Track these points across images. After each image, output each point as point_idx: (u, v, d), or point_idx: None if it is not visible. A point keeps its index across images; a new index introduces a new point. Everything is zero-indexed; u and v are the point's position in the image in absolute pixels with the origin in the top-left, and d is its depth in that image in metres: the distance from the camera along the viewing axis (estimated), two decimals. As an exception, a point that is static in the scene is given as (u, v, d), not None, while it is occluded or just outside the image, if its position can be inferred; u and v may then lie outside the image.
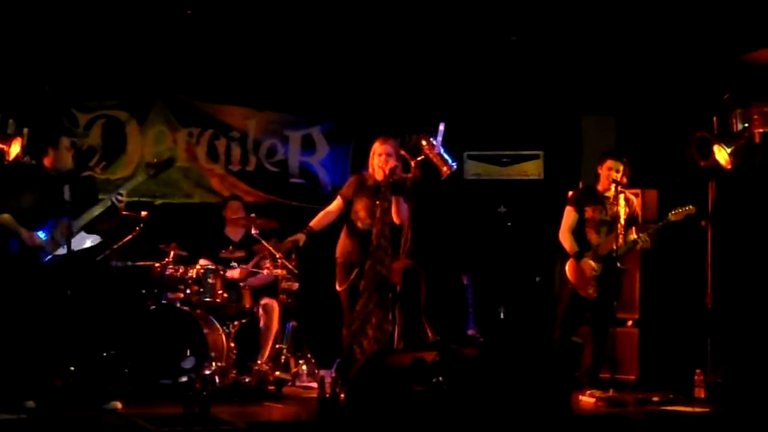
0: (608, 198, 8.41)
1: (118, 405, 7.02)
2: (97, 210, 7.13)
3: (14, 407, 6.66)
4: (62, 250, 7.00)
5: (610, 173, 8.38)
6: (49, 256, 7.04)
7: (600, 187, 8.51)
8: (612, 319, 8.48)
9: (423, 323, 7.93)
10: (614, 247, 8.19)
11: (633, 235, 8.35)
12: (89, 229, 7.16)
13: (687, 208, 8.34)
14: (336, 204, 8.11)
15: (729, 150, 8.45)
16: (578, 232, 8.49)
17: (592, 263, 8.35)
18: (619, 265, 8.25)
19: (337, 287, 7.93)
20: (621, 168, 8.39)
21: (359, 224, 7.90)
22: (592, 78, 10.14)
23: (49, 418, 6.52)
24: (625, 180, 8.41)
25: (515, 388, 6.78)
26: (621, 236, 8.26)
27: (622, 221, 8.29)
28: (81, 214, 7.05)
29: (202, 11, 9.23)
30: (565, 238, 8.49)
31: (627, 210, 8.37)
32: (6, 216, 7.06)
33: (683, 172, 9.19)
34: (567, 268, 8.43)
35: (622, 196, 8.33)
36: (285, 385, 8.42)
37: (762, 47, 8.68)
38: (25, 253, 7.01)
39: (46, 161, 7.26)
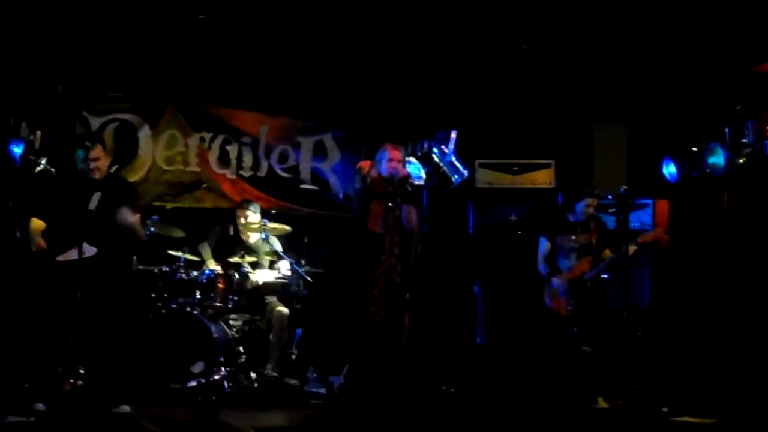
0: (578, 224, 8.68)
1: (127, 408, 7.03)
2: None
3: (24, 410, 6.68)
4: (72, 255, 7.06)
5: (587, 210, 8.65)
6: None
7: (572, 217, 8.73)
8: (601, 333, 8.55)
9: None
10: (586, 269, 8.49)
11: (607, 253, 8.55)
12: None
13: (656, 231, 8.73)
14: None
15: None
16: (551, 258, 8.75)
17: (558, 281, 8.61)
18: (589, 285, 8.47)
19: (348, 293, 7.92)
20: (596, 203, 8.69)
21: (371, 227, 7.89)
22: (603, 87, 10.14)
23: (58, 421, 6.54)
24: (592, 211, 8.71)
25: (524, 396, 6.79)
26: (592, 260, 8.53)
27: (593, 245, 8.62)
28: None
29: (215, 16, 9.25)
30: (540, 265, 8.79)
31: (596, 236, 8.66)
32: (37, 221, 7.13)
33: (695, 181, 9.18)
34: (543, 293, 8.66)
35: (592, 222, 8.69)
36: (294, 390, 8.43)
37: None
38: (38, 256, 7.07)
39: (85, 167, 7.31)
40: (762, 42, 8.68)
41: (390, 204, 7.79)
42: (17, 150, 7.85)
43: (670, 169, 8.94)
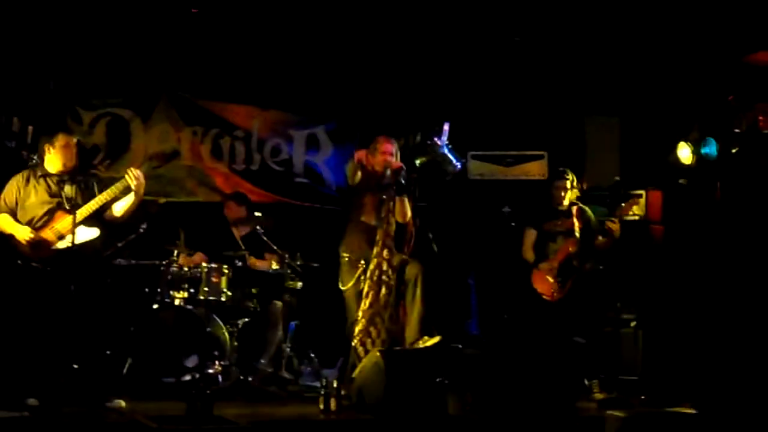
0: (561, 212, 8.72)
1: (122, 403, 7.02)
2: (104, 197, 7.17)
3: (16, 405, 6.67)
4: (61, 244, 7.07)
5: (557, 192, 8.73)
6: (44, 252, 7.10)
7: (553, 203, 8.78)
8: (595, 317, 8.55)
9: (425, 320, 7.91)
10: (570, 250, 8.53)
11: (601, 239, 8.54)
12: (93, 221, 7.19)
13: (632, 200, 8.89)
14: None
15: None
16: (538, 245, 8.76)
17: (548, 266, 8.57)
18: (575, 264, 8.48)
19: (341, 286, 7.92)
20: (568, 184, 8.72)
21: (365, 219, 7.89)
22: (596, 79, 10.14)
23: (52, 416, 6.52)
24: (575, 192, 8.80)
25: (519, 389, 6.79)
26: (576, 241, 8.55)
27: (577, 231, 8.61)
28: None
29: (207, 10, 9.23)
30: (526, 253, 8.81)
31: (580, 221, 8.66)
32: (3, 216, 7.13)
33: (687, 173, 9.20)
34: (532, 279, 8.65)
35: (575, 207, 8.71)
36: (288, 384, 8.43)
37: (766, 48, 8.68)
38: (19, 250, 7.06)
39: (46, 159, 7.30)
40: (754, 32, 8.68)
41: (383, 197, 7.79)
42: None
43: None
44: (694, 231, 9.11)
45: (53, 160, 7.29)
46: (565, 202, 8.72)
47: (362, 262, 7.77)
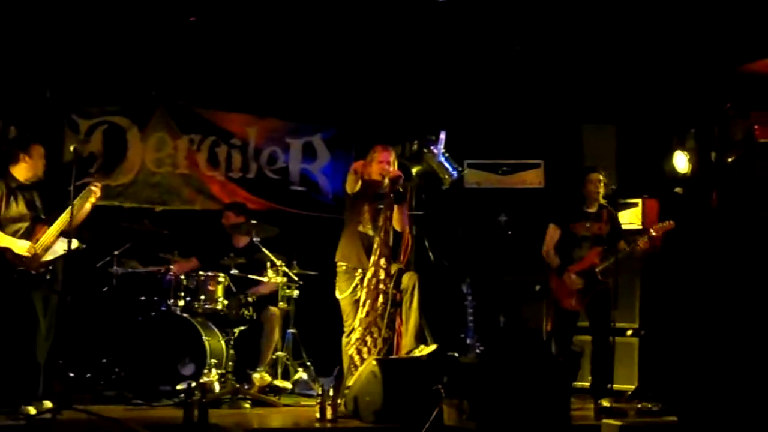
0: (591, 214, 8.59)
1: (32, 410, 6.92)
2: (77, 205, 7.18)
3: (12, 412, 6.67)
4: (49, 257, 7.10)
5: (592, 186, 8.58)
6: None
7: (584, 204, 8.68)
8: (606, 329, 8.48)
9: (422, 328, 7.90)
10: (595, 261, 8.41)
11: (623, 245, 8.40)
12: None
13: (667, 223, 8.52)
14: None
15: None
16: (561, 247, 8.65)
17: (574, 277, 8.44)
18: (600, 278, 8.40)
19: (338, 294, 7.92)
20: (602, 177, 8.60)
21: (361, 228, 7.89)
22: (592, 87, 10.14)
23: (48, 424, 6.51)
24: (602, 190, 8.64)
25: (514, 396, 6.78)
26: (602, 251, 8.44)
27: (604, 236, 8.52)
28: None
29: (205, 18, 9.24)
30: (549, 255, 8.70)
31: (609, 226, 8.55)
32: None
33: (683, 181, 9.21)
34: (551, 282, 8.57)
35: (605, 211, 8.58)
36: (284, 392, 8.43)
37: (761, 58, 8.69)
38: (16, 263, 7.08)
39: (16, 169, 7.29)
40: (750, 41, 8.69)
41: (380, 206, 7.80)
42: None
43: None
44: (690, 239, 9.10)
45: (28, 170, 7.29)
46: (600, 199, 8.58)
47: (359, 270, 7.77)
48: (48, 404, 6.88)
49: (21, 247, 7.08)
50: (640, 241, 8.38)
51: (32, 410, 6.76)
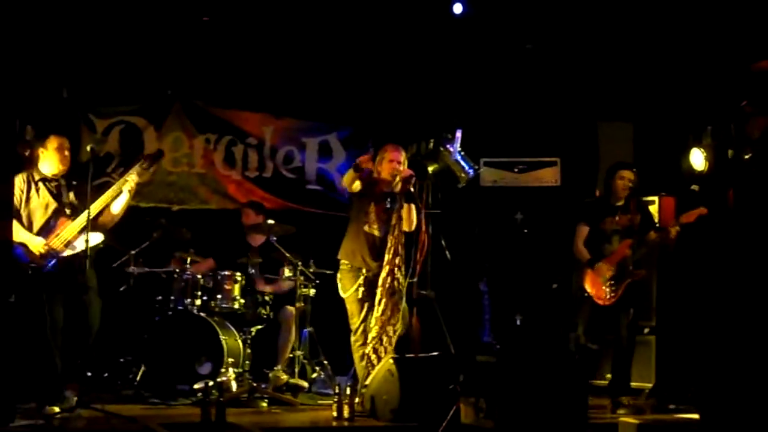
0: (619, 207, 8.48)
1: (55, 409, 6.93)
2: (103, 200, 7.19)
3: (31, 414, 6.69)
4: (68, 252, 7.11)
5: (622, 183, 8.44)
6: (53, 261, 7.10)
7: (611, 199, 8.56)
8: (635, 325, 8.45)
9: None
10: (627, 253, 8.28)
11: (653, 235, 8.35)
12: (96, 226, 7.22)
13: (699, 209, 8.41)
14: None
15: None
16: (591, 243, 8.54)
17: (605, 268, 8.37)
18: (631, 268, 8.29)
19: (342, 293, 7.90)
20: (633, 177, 8.47)
21: (367, 228, 7.88)
22: (609, 85, 10.13)
23: (66, 425, 6.54)
24: (630, 185, 8.47)
25: (532, 395, 6.77)
26: (633, 242, 8.32)
27: (635, 227, 8.37)
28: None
29: (219, 18, 9.26)
30: (579, 251, 8.56)
31: (638, 216, 8.42)
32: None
33: (700, 178, 9.17)
34: (584, 277, 8.44)
35: (632, 201, 8.44)
36: (301, 391, 8.43)
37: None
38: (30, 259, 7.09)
39: (39, 162, 7.33)
40: (766, 38, 8.66)
41: (388, 205, 7.78)
42: None
43: None
44: (707, 237, 9.07)
45: (47, 162, 7.31)
46: (623, 200, 8.47)
47: (363, 270, 7.77)
48: (73, 400, 6.92)
49: (36, 244, 7.10)
50: (672, 230, 8.33)
51: (55, 409, 6.78)
